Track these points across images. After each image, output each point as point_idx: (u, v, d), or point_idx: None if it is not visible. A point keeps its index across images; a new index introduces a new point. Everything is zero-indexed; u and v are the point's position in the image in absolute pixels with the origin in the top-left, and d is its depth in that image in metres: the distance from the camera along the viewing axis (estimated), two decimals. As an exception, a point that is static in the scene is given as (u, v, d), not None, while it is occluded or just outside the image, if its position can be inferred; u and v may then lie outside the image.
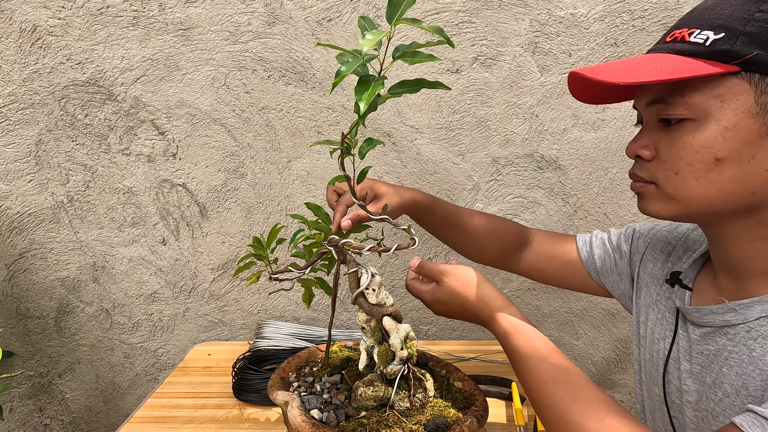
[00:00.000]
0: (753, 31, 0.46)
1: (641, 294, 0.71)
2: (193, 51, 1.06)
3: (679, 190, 0.51)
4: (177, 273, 1.19)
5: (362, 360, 0.70)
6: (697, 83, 0.48)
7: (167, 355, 1.24)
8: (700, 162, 0.49)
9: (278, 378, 0.72)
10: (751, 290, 0.54)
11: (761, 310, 0.51)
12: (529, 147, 1.11)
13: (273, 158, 1.12)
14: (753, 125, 0.47)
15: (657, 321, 0.66)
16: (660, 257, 0.70)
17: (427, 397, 0.68)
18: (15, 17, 1.03)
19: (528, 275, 0.87)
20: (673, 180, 0.51)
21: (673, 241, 0.70)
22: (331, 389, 0.71)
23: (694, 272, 0.63)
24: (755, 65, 0.45)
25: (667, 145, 0.52)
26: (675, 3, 1.02)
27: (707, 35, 0.48)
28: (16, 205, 1.14)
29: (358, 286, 0.66)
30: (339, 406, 0.66)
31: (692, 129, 0.49)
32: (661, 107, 0.52)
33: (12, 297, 1.19)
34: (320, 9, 1.03)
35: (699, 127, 0.49)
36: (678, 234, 0.70)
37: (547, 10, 1.03)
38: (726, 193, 0.50)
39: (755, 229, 0.52)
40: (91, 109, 1.09)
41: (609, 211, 1.15)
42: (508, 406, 0.90)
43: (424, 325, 1.23)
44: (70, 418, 1.29)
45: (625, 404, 1.29)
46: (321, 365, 0.77)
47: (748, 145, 0.47)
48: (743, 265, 0.54)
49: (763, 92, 0.46)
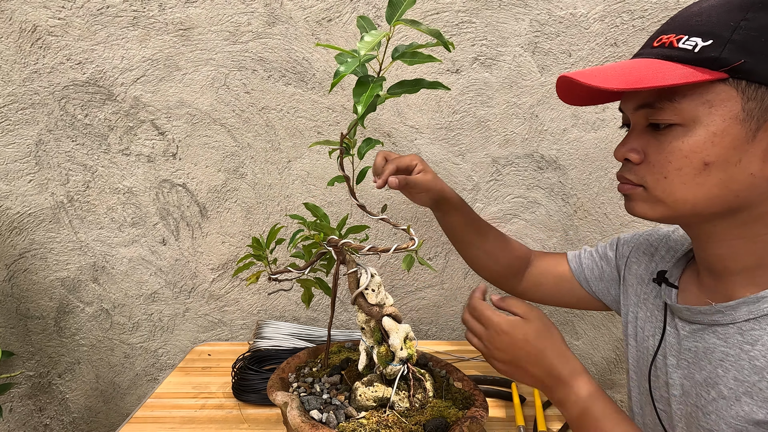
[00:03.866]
0: (740, 38, 0.46)
1: (628, 294, 0.73)
2: (193, 51, 1.06)
3: (667, 193, 0.53)
4: (177, 273, 1.19)
5: (361, 360, 0.70)
6: (686, 89, 0.49)
7: (167, 355, 1.24)
8: (689, 166, 0.50)
9: (277, 378, 0.72)
10: (732, 287, 0.55)
11: (748, 312, 0.52)
12: (529, 147, 1.11)
13: (273, 158, 1.12)
14: (740, 131, 0.48)
15: (646, 319, 0.68)
16: (644, 259, 0.73)
17: (427, 397, 0.68)
18: (15, 17, 1.03)
19: (527, 294, 0.89)
20: (662, 183, 0.53)
21: (655, 243, 0.73)
22: (330, 390, 0.71)
23: (680, 270, 0.65)
24: (742, 72, 0.46)
25: (656, 149, 0.53)
26: (675, 3, 1.02)
27: (696, 42, 0.49)
28: (16, 205, 1.14)
29: (358, 287, 0.66)
30: (339, 407, 0.66)
31: (681, 134, 0.50)
32: (650, 112, 0.53)
33: (12, 297, 1.19)
34: (320, 9, 1.03)
35: (688, 132, 0.50)
36: (659, 236, 0.73)
37: (547, 10, 1.03)
38: (712, 196, 0.51)
39: (735, 229, 0.53)
40: (91, 109, 1.09)
41: (609, 211, 1.15)
42: (508, 406, 0.90)
43: (424, 325, 1.23)
44: (70, 418, 1.29)
45: (624, 404, 1.29)
46: (320, 366, 0.77)
47: (734, 150, 0.49)
48: (724, 263, 0.56)
49: (750, 99, 0.47)
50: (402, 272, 1.19)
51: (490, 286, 0.89)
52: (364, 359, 0.70)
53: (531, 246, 1.17)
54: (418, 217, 1.16)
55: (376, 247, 0.65)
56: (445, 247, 1.18)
